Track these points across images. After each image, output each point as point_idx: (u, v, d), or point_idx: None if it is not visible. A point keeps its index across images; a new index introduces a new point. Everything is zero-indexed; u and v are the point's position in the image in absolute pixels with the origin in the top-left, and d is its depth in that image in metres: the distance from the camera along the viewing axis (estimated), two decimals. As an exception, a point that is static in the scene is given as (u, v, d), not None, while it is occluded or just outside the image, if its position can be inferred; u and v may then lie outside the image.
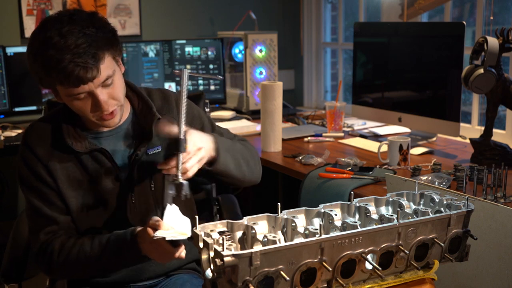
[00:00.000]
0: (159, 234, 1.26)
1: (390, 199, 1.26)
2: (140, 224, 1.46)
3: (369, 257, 1.11)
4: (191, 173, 1.36)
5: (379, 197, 1.26)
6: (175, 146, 1.33)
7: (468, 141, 2.47)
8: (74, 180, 1.46)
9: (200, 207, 1.78)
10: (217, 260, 0.98)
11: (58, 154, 1.45)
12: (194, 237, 1.08)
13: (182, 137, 1.33)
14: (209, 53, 3.46)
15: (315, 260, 1.04)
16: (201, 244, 1.05)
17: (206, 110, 2.14)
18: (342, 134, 2.82)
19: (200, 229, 1.10)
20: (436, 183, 1.89)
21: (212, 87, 3.48)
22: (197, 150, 1.37)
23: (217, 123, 1.71)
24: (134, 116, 1.54)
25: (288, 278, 1.01)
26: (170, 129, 1.35)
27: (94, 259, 1.42)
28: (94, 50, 1.31)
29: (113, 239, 1.41)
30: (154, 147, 1.52)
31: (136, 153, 1.48)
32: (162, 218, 1.30)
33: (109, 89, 1.38)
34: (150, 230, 1.29)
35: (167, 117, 1.52)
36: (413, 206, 1.25)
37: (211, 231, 1.11)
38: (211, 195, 2.07)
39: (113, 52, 1.39)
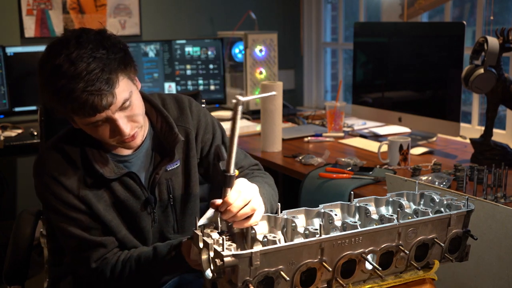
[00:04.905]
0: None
1: (390, 199, 1.26)
2: (160, 237, 1.48)
3: (369, 257, 1.11)
4: (240, 219, 1.15)
5: (379, 197, 1.25)
6: (223, 181, 1.13)
7: (468, 141, 2.47)
8: (105, 205, 1.41)
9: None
10: (217, 260, 0.98)
11: (86, 182, 1.39)
12: (194, 237, 1.08)
13: (231, 173, 1.12)
14: (209, 53, 3.46)
15: (315, 260, 1.04)
16: (201, 244, 1.05)
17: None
18: (342, 134, 2.82)
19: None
20: (436, 183, 1.89)
21: (212, 87, 3.48)
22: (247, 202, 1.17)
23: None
24: (153, 133, 1.48)
25: (288, 278, 1.01)
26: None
27: (147, 277, 1.40)
28: (107, 75, 1.23)
29: (160, 258, 1.37)
30: (173, 162, 1.47)
31: (157, 172, 1.45)
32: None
33: (128, 112, 1.32)
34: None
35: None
36: (413, 206, 1.25)
37: (211, 231, 1.11)
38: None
39: (128, 72, 1.31)
